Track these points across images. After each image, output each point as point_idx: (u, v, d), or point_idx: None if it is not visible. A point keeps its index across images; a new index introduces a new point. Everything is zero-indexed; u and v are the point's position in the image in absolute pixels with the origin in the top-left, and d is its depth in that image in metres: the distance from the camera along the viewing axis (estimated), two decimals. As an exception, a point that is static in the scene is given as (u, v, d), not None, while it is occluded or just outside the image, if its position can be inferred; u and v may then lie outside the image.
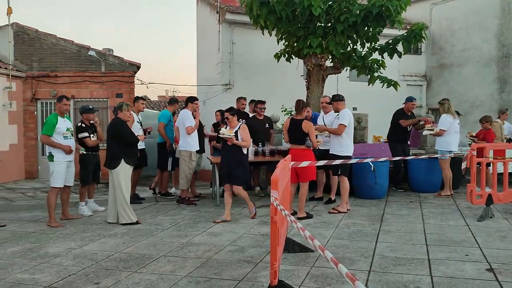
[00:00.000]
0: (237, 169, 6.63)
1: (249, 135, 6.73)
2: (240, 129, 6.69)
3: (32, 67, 11.79)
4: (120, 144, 6.59)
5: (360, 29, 10.00)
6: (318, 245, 2.77)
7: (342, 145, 7.18)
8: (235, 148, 6.62)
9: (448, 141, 8.31)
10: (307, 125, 6.77)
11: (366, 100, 14.64)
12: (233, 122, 6.79)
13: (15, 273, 4.58)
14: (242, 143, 6.62)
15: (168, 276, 4.42)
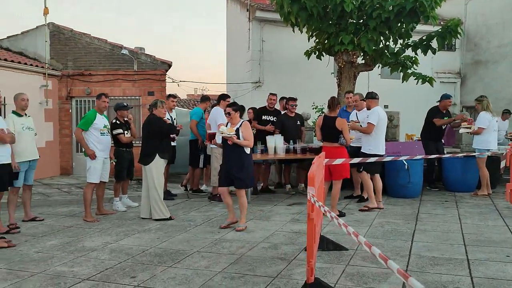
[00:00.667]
0: (239, 171, 6.02)
1: (251, 134, 6.17)
2: (242, 126, 6.06)
3: (67, 66, 12.06)
4: (156, 140, 6.67)
5: (393, 25, 9.85)
6: (364, 241, 2.71)
7: (370, 144, 7.12)
8: (237, 148, 6.01)
9: (487, 140, 8.07)
10: (340, 122, 6.70)
11: (397, 97, 14.41)
12: (235, 119, 6.14)
13: (54, 265, 4.70)
14: (244, 143, 5.99)
15: (202, 271, 4.45)
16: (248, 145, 6.04)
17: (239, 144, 5.96)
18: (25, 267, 4.65)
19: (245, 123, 6.13)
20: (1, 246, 5.31)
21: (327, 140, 6.83)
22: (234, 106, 6.23)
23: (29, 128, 6.40)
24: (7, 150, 5.84)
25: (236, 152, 6.03)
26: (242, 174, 6.02)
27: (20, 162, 6.20)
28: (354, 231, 2.96)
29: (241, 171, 6.02)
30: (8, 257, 4.99)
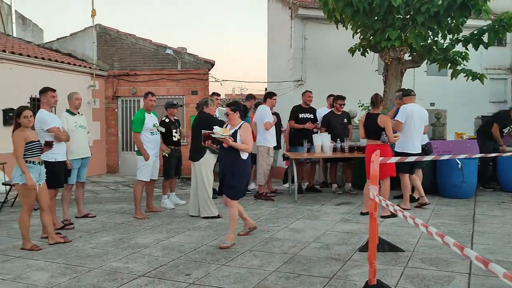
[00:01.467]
0: (232, 177, 5.35)
1: (251, 137, 5.47)
2: (241, 128, 5.38)
3: (113, 66, 12.35)
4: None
5: (442, 20, 9.54)
6: (452, 242, 2.50)
7: (399, 142, 6.92)
8: (233, 152, 5.33)
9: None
10: (383, 119, 6.51)
11: (444, 95, 14.00)
12: (234, 120, 5.47)
13: (110, 261, 4.77)
14: (241, 146, 5.28)
15: (256, 270, 4.41)
16: (245, 149, 5.32)
17: (235, 147, 5.29)
18: (82, 262, 4.75)
19: (245, 125, 5.43)
20: (58, 241, 5.45)
21: (370, 138, 6.69)
22: (233, 106, 5.56)
23: (82, 126, 6.55)
24: (62, 148, 6.01)
25: (231, 156, 5.35)
26: (235, 182, 5.33)
27: (73, 159, 6.36)
28: (437, 231, 2.70)
29: (234, 178, 5.34)
30: (65, 252, 5.11)
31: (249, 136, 5.42)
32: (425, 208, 6.99)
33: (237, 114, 5.47)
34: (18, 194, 5.57)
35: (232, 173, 5.34)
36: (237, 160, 5.33)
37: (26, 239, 5.24)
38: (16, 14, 14.81)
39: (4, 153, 7.90)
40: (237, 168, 5.35)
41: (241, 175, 5.38)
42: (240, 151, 5.30)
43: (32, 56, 10.19)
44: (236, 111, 5.47)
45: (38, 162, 5.27)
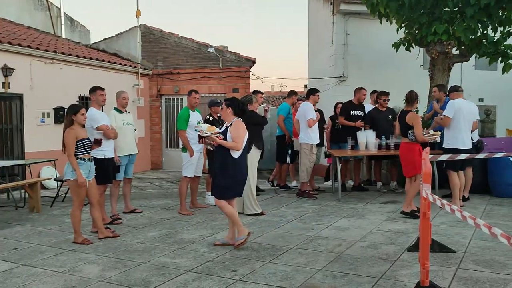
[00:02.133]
0: (219, 176, 5.13)
1: (241, 134, 5.05)
2: (232, 125, 5.07)
3: (157, 65, 12.59)
4: (252, 132, 6.70)
5: (493, 12, 9.12)
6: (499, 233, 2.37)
7: (448, 138, 6.81)
8: (221, 150, 5.06)
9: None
10: (410, 117, 6.35)
11: (494, 90, 13.41)
12: (227, 116, 5.16)
13: (157, 256, 4.86)
14: (228, 144, 4.99)
15: (302, 268, 4.38)
16: (233, 147, 5.00)
17: (223, 145, 5.01)
18: (131, 256, 4.86)
19: (236, 122, 5.09)
20: (107, 236, 5.60)
21: (402, 135, 6.56)
22: (227, 101, 5.23)
23: (129, 124, 6.71)
24: (111, 145, 6.18)
25: (220, 155, 5.11)
26: (223, 181, 5.08)
27: (121, 156, 6.52)
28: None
29: (221, 176, 5.10)
30: (114, 246, 5.25)
31: (239, 134, 5.04)
32: (477, 208, 6.74)
33: (230, 109, 5.12)
34: (69, 190, 5.77)
35: (220, 172, 5.11)
36: (226, 158, 5.05)
37: (77, 233, 5.43)
38: (65, 16, 15.36)
39: (55, 150, 8.22)
40: (224, 167, 5.07)
41: (229, 174, 5.06)
42: (230, 149, 5.02)
43: (80, 56, 10.54)
44: (229, 107, 5.13)
45: (88, 159, 5.44)
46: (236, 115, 5.16)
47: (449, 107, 6.83)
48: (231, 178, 5.08)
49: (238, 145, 5.02)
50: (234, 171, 5.08)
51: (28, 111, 9.33)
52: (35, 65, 9.52)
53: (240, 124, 5.08)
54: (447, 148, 6.77)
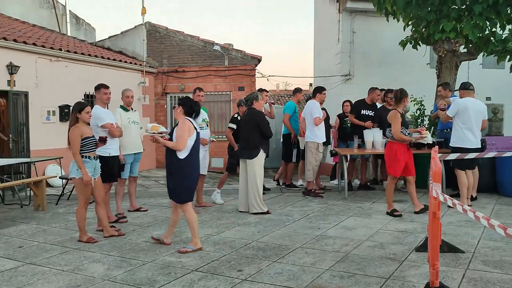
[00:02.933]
0: (169, 178, 5.05)
1: (184, 135, 4.85)
2: (178, 125, 4.97)
3: (162, 63, 12.56)
4: (259, 134, 6.65)
5: (502, 10, 9.01)
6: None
7: (454, 136, 6.80)
8: (169, 151, 4.95)
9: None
10: (391, 115, 6.34)
11: (502, 89, 13.30)
12: (178, 115, 5.04)
13: (163, 255, 4.83)
14: (169, 144, 4.88)
15: (309, 268, 4.33)
16: (173, 147, 4.85)
17: (166, 146, 4.93)
18: (136, 255, 4.83)
19: (182, 122, 4.94)
20: (112, 234, 5.58)
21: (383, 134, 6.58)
22: (180, 101, 5.15)
23: (134, 122, 6.68)
24: (116, 143, 6.15)
25: (167, 156, 5.00)
26: (170, 183, 5.01)
27: (126, 154, 6.49)
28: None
29: (170, 179, 5.03)
30: (119, 245, 5.23)
31: (182, 132, 4.87)
32: (485, 207, 6.67)
33: (181, 109, 4.99)
34: (74, 188, 5.74)
35: (169, 174, 5.02)
36: (171, 160, 4.93)
37: (82, 232, 5.41)
38: (70, 14, 15.36)
39: (60, 148, 8.21)
40: (172, 169, 4.96)
41: (175, 176, 4.95)
42: (176, 150, 4.87)
43: (85, 54, 10.52)
44: (180, 106, 5.01)
45: (93, 157, 5.41)
46: (187, 114, 5.01)
47: (453, 106, 6.80)
48: (177, 179, 4.95)
49: (179, 145, 4.83)
50: (181, 172, 4.93)
51: (34, 109, 9.32)
52: (40, 62, 9.51)
53: (185, 124, 4.91)
54: (454, 146, 6.70)
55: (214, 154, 11.07)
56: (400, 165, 6.29)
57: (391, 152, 6.36)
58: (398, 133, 6.23)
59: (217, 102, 12.27)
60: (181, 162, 4.90)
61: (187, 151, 4.90)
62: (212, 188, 8.85)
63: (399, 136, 6.25)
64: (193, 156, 4.99)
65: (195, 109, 5.06)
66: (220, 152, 11.90)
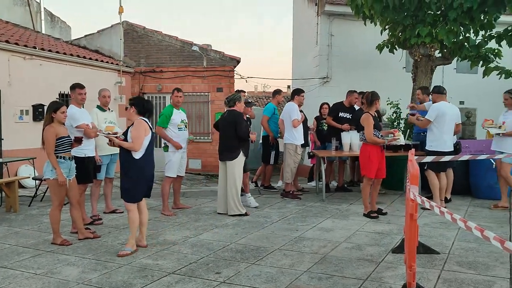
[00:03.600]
0: (123, 178, 4.99)
1: (140, 135, 4.84)
2: (133, 125, 4.93)
3: (139, 63, 12.41)
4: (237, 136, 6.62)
5: (475, 16, 9.23)
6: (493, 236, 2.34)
7: (431, 140, 6.90)
8: (123, 151, 4.92)
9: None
10: (363, 118, 6.43)
11: (474, 93, 13.63)
12: (131, 116, 5.03)
13: (139, 258, 4.75)
14: (126, 145, 4.85)
15: (287, 270, 4.33)
16: (130, 147, 4.83)
17: (121, 146, 4.90)
18: (112, 258, 4.75)
19: (138, 122, 4.91)
20: (87, 236, 5.47)
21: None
22: (131, 100, 5.11)
23: (111, 122, 6.56)
24: (91, 144, 6.04)
25: (122, 156, 4.98)
26: (124, 183, 4.96)
27: (102, 155, 6.38)
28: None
29: (123, 179, 4.99)
30: (95, 248, 5.12)
31: (138, 133, 4.84)
32: (459, 209, 6.81)
33: (134, 109, 4.96)
34: (48, 189, 5.61)
35: (124, 174, 4.98)
36: (126, 160, 4.91)
37: (56, 234, 5.28)
38: (45, 11, 15.04)
39: (33, 148, 8.01)
40: (127, 169, 4.93)
41: (129, 177, 4.91)
42: (131, 150, 4.85)
43: (61, 52, 10.31)
44: (133, 106, 4.97)
45: (68, 157, 5.29)
46: (141, 114, 4.98)
47: (432, 110, 6.88)
48: (132, 179, 4.91)
49: (135, 146, 4.82)
50: (136, 172, 4.91)
51: (6, 108, 9.08)
52: (13, 60, 9.27)
53: (141, 125, 4.89)
54: (431, 150, 6.81)
55: (191, 155, 11.02)
56: (374, 166, 6.36)
57: (365, 154, 6.44)
58: (371, 135, 6.31)
59: (195, 102, 12.20)
60: (137, 162, 4.90)
61: (143, 151, 4.91)
62: (189, 190, 8.81)
63: (372, 139, 6.33)
64: (148, 155, 5.01)
65: (147, 107, 5.05)
66: (197, 153, 11.85)
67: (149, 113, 5.09)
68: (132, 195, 4.96)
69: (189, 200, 7.94)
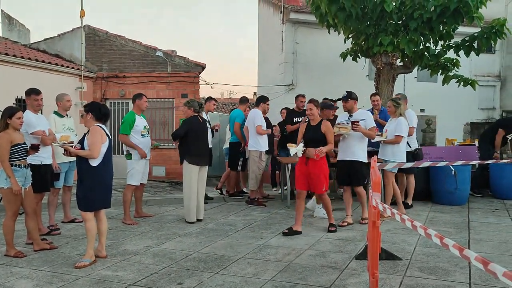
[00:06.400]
0: (79, 186, 4.85)
1: (96, 142, 4.70)
2: (89, 132, 4.81)
3: (102, 68, 12.11)
4: (186, 141, 6.58)
5: (435, 26, 9.50)
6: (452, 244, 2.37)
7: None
8: (80, 159, 4.79)
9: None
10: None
11: (434, 101, 14.04)
12: (88, 122, 4.88)
13: (98, 269, 4.59)
14: (83, 153, 4.72)
15: (251, 279, 4.27)
16: (87, 155, 4.70)
17: (77, 154, 4.78)
18: (69, 270, 4.56)
19: (93, 128, 4.79)
20: (43, 247, 5.24)
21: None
22: (86, 107, 4.97)
23: (70, 128, 6.35)
24: (48, 151, 5.81)
25: (78, 164, 4.84)
26: (79, 191, 4.83)
27: (60, 163, 6.15)
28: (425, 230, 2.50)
29: (79, 187, 4.84)
30: (51, 259, 4.92)
31: (94, 140, 4.70)
32: (420, 215, 6.94)
33: (90, 115, 4.83)
34: (2, 199, 5.35)
35: (80, 182, 4.83)
36: (82, 167, 4.78)
37: (10, 245, 5.03)
38: (2, 13, 14.49)
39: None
40: (84, 177, 4.79)
41: (85, 185, 4.78)
42: (90, 158, 4.72)
43: (18, 56, 9.92)
44: (89, 112, 4.85)
45: (24, 165, 5.06)
46: (98, 120, 4.86)
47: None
48: (88, 187, 4.77)
49: (93, 153, 4.69)
50: (93, 180, 4.77)
51: (-42, 113, 8.64)
52: (-33, 64, 8.86)
53: (97, 132, 4.76)
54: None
55: (155, 162, 10.81)
56: (297, 176, 6.08)
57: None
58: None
59: (159, 109, 11.99)
60: (94, 170, 4.75)
61: (100, 158, 4.78)
62: (153, 198, 8.62)
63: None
64: (106, 163, 4.86)
65: (104, 112, 4.94)
66: (161, 161, 11.63)
67: (106, 118, 4.97)
68: (88, 204, 4.81)
69: (152, 208, 7.77)
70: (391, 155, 6.53)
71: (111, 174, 5.03)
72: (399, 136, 6.51)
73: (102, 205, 4.94)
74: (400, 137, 6.52)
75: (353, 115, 6.44)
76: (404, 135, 6.55)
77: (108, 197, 5.01)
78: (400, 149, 6.58)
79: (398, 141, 6.53)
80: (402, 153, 6.60)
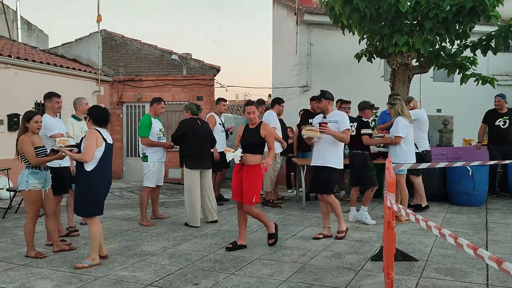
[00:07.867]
0: (76, 191, 4.95)
1: (90, 145, 4.66)
2: (85, 135, 4.80)
3: (118, 72, 12.28)
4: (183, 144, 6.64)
5: (450, 26, 9.42)
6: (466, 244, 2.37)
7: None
8: (78, 163, 4.79)
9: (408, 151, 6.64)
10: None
11: (451, 101, 13.88)
12: (89, 126, 4.97)
13: (116, 270, 4.66)
14: (76, 156, 4.72)
15: (267, 280, 4.29)
16: (79, 158, 4.68)
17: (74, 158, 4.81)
18: (88, 270, 4.64)
19: (89, 132, 4.79)
20: (63, 249, 5.34)
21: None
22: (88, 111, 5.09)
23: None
24: (67, 154, 5.91)
25: (77, 168, 4.87)
26: (77, 195, 4.86)
27: (79, 165, 6.25)
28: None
29: (77, 192, 4.90)
30: (70, 260, 5.01)
31: (88, 145, 4.66)
32: (437, 216, 6.87)
33: (89, 119, 4.89)
34: (23, 201, 5.47)
35: (77, 187, 4.89)
36: (79, 172, 4.77)
37: (30, 246, 5.14)
38: (22, 19, 14.80)
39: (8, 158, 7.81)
40: (79, 182, 4.81)
41: (82, 189, 4.77)
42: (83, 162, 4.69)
43: (37, 61, 10.13)
44: (88, 116, 4.91)
45: (43, 167, 5.18)
46: (97, 124, 4.85)
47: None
48: (83, 192, 4.76)
49: (85, 157, 4.62)
50: (87, 185, 4.73)
51: (-20, 117, 8.86)
52: (-12, 69, 9.07)
53: (92, 135, 4.72)
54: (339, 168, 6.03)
55: (171, 164, 10.90)
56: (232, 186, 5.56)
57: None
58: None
59: (175, 111, 12.10)
60: (88, 174, 4.71)
61: (95, 163, 4.72)
62: (169, 200, 8.70)
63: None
64: (102, 167, 4.79)
65: (99, 116, 4.90)
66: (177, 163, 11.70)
67: (104, 122, 4.95)
68: (87, 209, 4.81)
69: (168, 210, 7.85)
70: (394, 157, 6.44)
71: (107, 180, 4.96)
72: (397, 137, 6.43)
73: (96, 212, 4.86)
74: (399, 138, 6.41)
75: (326, 117, 5.87)
76: (402, 135, 6.40)
77: (100, 204, 4.90)
78: (403, 150, 6.45)
79: (397, 142, 6.43)
80: (406, 154, 6.46)
